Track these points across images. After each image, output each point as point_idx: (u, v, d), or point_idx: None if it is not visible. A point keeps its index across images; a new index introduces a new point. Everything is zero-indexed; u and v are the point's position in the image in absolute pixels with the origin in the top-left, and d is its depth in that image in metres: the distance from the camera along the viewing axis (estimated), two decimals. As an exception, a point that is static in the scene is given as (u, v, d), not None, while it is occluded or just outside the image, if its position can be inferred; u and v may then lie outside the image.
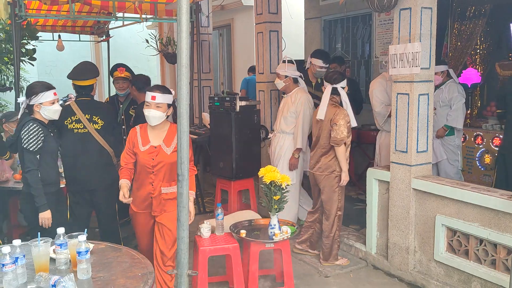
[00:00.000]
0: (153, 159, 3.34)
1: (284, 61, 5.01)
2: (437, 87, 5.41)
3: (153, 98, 3.24)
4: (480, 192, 3.47)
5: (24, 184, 3.55)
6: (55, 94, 3.52)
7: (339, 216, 4.36)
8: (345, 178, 4.27)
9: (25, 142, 3.40)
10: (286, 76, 4.99)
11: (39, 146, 3.44)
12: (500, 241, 3.34)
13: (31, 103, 3.49)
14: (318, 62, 5.43)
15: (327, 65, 5.48)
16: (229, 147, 5.37)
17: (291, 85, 5.02)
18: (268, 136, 5.38)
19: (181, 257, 1.92)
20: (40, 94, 3.47)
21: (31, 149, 3.40)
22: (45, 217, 3.42)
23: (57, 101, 3.56)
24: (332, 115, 4.18)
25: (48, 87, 3.52)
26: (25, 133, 3.41)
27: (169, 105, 3.33)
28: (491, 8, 5.57)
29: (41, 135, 3.44)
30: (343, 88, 4.28)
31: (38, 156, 3.48)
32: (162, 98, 3.27)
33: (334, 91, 4.27)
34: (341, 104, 4.31)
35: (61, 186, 3.82)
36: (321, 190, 4.36)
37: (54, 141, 3.63)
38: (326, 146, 4.29)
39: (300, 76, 5.09)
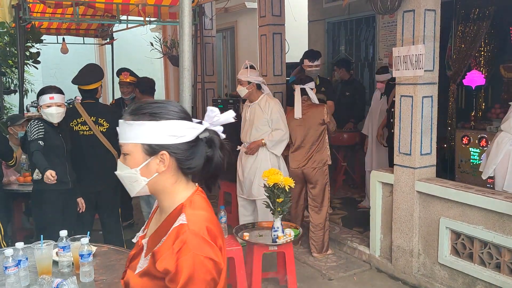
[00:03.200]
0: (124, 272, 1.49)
1: (246, 67, 4.62)
2: (382, 94, 5.50)
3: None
4: (485, 194, 3.45)
5: (35, 183, 3.68)
6: (51, 98, 3.58)
7: (329, 206, 4.74)
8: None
9: (29, 135, 3.58)
10: (249, 83, 4.57)
11: (40, 135, 3.56)
12: (504, 244, 3.32)
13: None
14: (305, 62, 5.53)
15: (314, 63, 5.46)
16: (232, 149, 5.36)
17: (255, 92, 4.62)
18: (237, 148, 4.86)
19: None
20: (40, 97, 3.63)
21: (33, 137, 3.55)
22: (50, 174, 3.35)
23: (57, 105, 3.60)
24: (320, 114, 4.53)
25: (44, 91, 3.62)
26: (28, 129, 3.63)
27: (151, 149, 1.34)
28: (495, 10, 5.54)
29: (41, 128, 3.58)
30: (312, 89, 4.63)
31: (41, 143, 3.55)
32: (128, 131, 1.36)
33: (303, 92, 4.59)
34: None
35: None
36: (313, 184, 4.59)
37: (59, 140, 3.69)
38: (316, 142, 4.58)
39: (263, 82, 4.76)
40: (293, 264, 3.78)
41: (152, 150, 1.34)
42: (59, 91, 3.67)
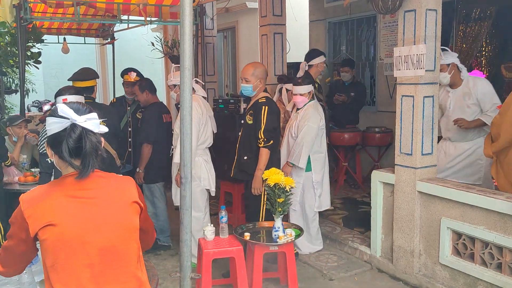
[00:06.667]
0: None
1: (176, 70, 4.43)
2: (298, 109, 4.62)
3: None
4: (486, 195, 3.45)
5: None
6: (64, 100, 3.44)
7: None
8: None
9: (39, 145, 3.44)
10: (175, 86, 4.43)
11: None
12: (506, 245, 3.32)
13: None
14: (322, 58, 5.37)
15: (307, 63, 5.29)
16: (233, 149, 5.36)
17: None
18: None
19: (184, 260, 1.92)
20: (56, 99, 3.57)
21: (43, 151, 3.44)
22: None
23: None
24: None
25: (60, 93, 3.54)
26: (40, 137, 3.46)
27: None
28: (497, 10, 5.54)
29: None
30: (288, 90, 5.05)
31: (50, 160, 3.46)
32: None
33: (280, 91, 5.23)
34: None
35: None
36: None
37: None
38: None
39: (195, 82, 4.45)
40: (294, 264, 3.78)
41: None
42: (75, 91, 3.55)
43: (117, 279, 1.68)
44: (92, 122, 1.66)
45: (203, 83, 4.75)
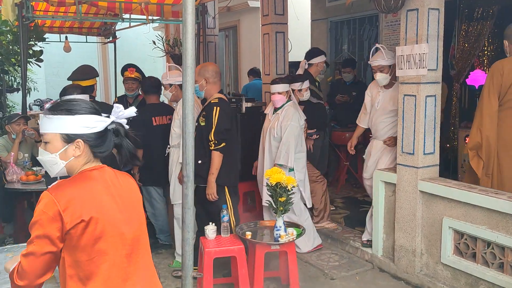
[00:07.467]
0: None
1: (171, 69, 4.47)
2: (276, 109, 4.58)
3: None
4: (488, 194, 3.44)
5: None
6: None
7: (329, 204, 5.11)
8: None
9: None
10: (170, 85, 4.40)
11: None
12: (508, 244, 3.31)
13: None
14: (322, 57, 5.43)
15: (307, 61, 5.34)
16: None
17: (180, 93, 4.17)
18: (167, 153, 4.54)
19: (186, 259, 1.92)
20: (61, 99, 3.50)
21: None
22: None
23: None
24: None
25: (66, 92, 3.53)
26: None
27: (69, 138, 1.69)
28: (499, 9, 5.52)
29: None
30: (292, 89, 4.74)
31: None
32: (48, 123, 1.70)
33: None
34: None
35: None
36: None
37: None
38: None
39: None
40: (296, 263, 3.78)
41: (69, 138, 1.68)
42: (82, 91, 3.50)
43: (143, 267, 1.77)
44: (123, 120, 1.76)
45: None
